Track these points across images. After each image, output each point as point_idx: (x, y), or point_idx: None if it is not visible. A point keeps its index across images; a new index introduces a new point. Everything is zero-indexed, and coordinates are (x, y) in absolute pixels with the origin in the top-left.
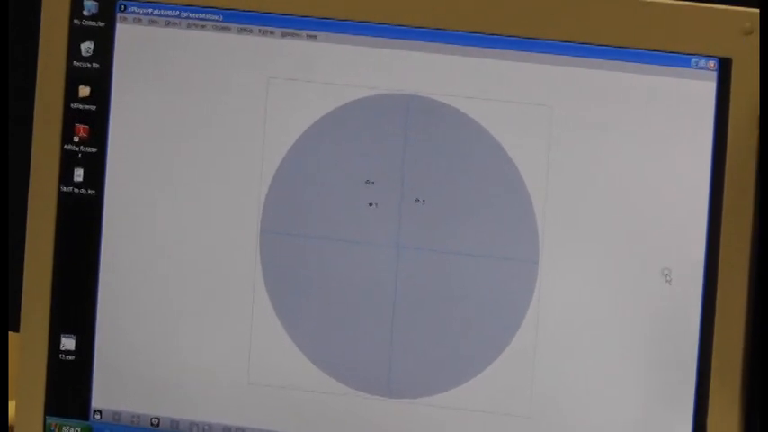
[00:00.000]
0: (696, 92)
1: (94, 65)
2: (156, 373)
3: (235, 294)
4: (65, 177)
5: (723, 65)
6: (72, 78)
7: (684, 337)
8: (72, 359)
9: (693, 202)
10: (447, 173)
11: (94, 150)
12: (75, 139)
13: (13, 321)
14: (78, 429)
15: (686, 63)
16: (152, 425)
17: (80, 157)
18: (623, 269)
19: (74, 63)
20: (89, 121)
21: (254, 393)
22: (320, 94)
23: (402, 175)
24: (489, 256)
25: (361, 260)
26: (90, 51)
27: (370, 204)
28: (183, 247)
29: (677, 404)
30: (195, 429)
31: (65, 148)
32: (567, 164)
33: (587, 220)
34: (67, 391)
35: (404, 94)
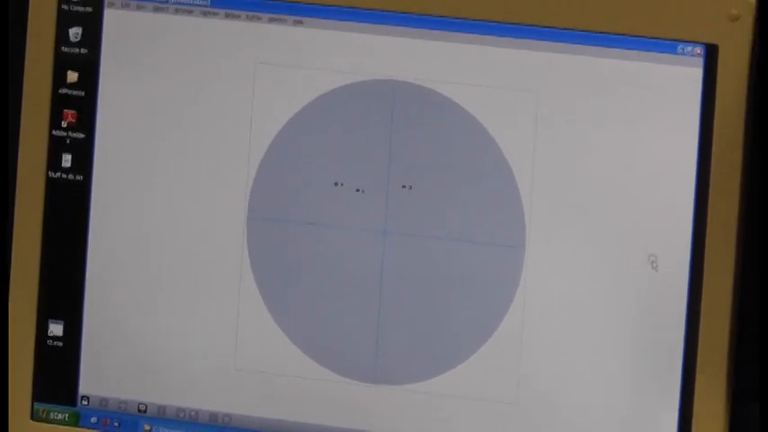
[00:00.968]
0: (682, 78)
1: (83, 50)
2: (144, 360)
3: (222, 280)
4: (53, 163)
5: (709, 51)
6: (60, 64)
7: (671, 323)
8: (60, 345)
9: (680, 188)
10: (433, 158)
11: (82, 136)
12: (64, 124)
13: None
14: (66, 415)
15: (672, 49)
16: (139, 411)
17: (68, 142)
18: (609, 255)
19: (62, 48)
20: (77, 106)
21: (240, 379)
22: (307, 80)
23: (389, 160)
24: (476, 241)
25: (347, 246)
26: (78, 37)
27: (357, 190)
28: (171, 233)
29: (663, 390)
30: (182, 415)
31: (53, 133)
32: (553, 150)
33: (573, 206)
34: (55, 376)
35: (390, 80)
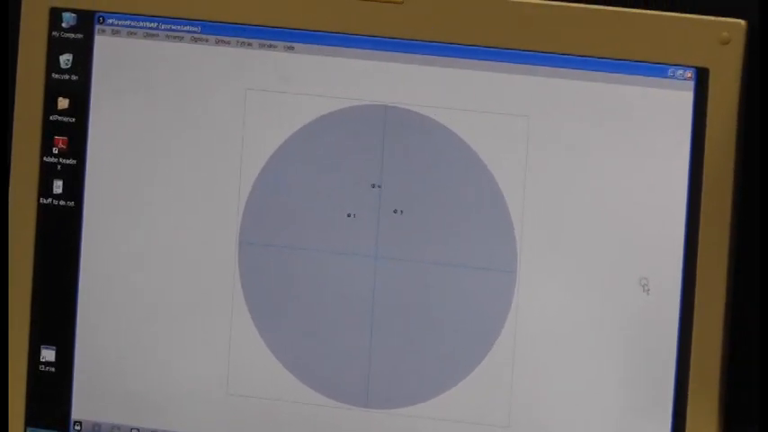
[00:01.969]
0: (673, 102)
1: (73, 77)
2: (136, 385)
3: (213, 305)
4: (44, 189)
5: (700, 75)
6: (51, 90)
7: (662, 346)
8: (52, 370)
9: (671, 211)
10: (425, 183)
11: (74, 162)
12: (55, 150)
13: None
14: None
15: (663, 73)
16: None
17: (59, 168)
18: (601, 279)
19: (53, 75)
20: (68, 133)
21: (233, 404)
22: (298, 105)
23: (380, 185)
24: (467, 266)
25: (339, 271)
26: (69, 63)
27: (349, 215)
28: (162, 259)
29: (655, 414)
30: None
31: (44, 160)
32: (545, 174)
33: (565, 230)
34: (48, 402)
35: (381, 105)
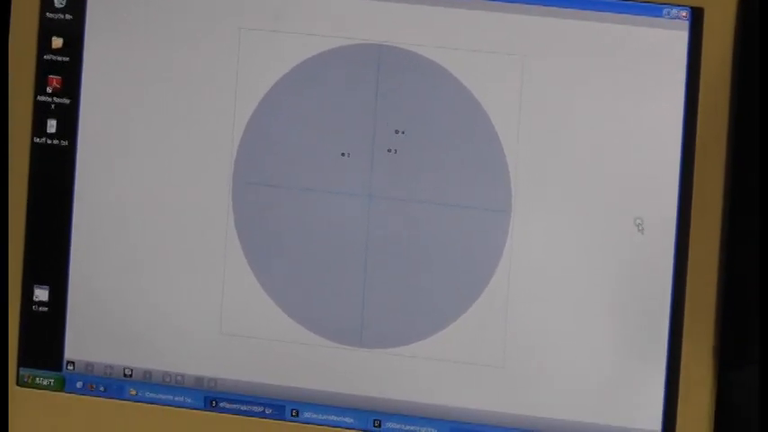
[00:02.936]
0: (668, 42)
1: (67, 16)
2: (129, 324)
3: (207, 244)
4: (38, 128)
5: (695, 14)
6: (45, 30)
7: (657, 285)
8: (45, 310)
9: (666, 151)
10: (419, 122)
11: (68, 101)
12: (49, 90)
13: None
14: (51, 380)
15: (658, 12)
16: (125, 375)
17: (53, 108)
18: (595, 218)
19: (47, 14)
20: (62, 72)
21: (226, 344)
22: (292, 45)
23: (374, 124)
24: (461, 205)
25: (333, 210)
26: (63, 3)
27: (343, 154)
28: (156, 198)
29: (650, 353)
30: (168, 379)
31: (38, 99)
32: (539, 113)
33: (559, 170)
34: (40, 342)
35: (375, 44)
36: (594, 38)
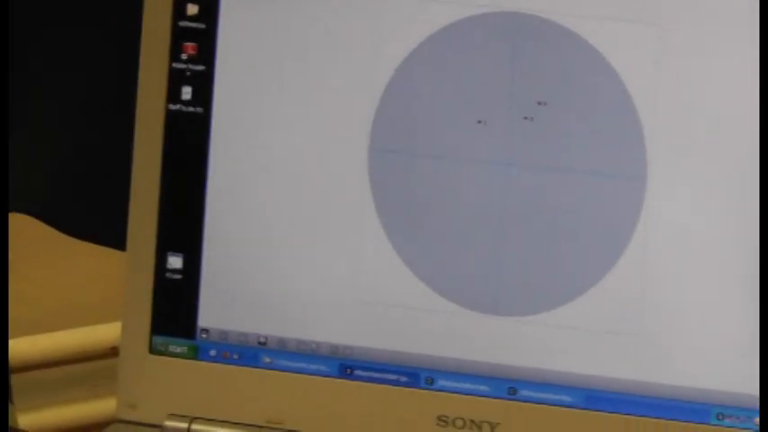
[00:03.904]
0: None
1: None
2: (264, 293)
3: (344, 212)
4: (172, 95)
5: None
6: None
7: None
8: (179, 278)
9: None
10: (555, 90)
11: (203, 68)
12: (184, 56)
13: (120, 241)
14: (185, 348)
15: None
16: (259, 343)
17: (188, 75)
18: (732, 188)
19: None
20: (197, 39)
21: (362, 312)
22: (430, 12)
23: (510, 92)
24: (598, 173)
25: (469, 178)
26: None
27: (479, 122)
28: (292, 166)
29: None
30: (303, 347)
31: (173, 66)
32: (677, 82)
33: (696, 139)
34: (174, 310)
35: (512, 12)
36: (735, 8)
